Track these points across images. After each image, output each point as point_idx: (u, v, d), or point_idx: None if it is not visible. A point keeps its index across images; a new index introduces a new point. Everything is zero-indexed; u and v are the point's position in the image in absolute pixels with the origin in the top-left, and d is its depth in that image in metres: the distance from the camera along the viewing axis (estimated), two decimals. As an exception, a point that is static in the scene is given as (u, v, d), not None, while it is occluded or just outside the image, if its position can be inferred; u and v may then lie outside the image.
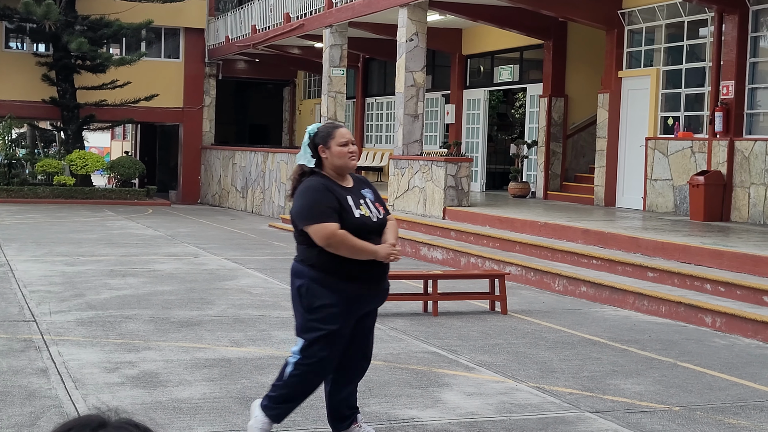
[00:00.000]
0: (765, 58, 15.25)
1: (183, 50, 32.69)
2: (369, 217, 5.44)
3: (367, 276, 5.43)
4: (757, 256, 10.91)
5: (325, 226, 5.28)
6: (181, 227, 21.78)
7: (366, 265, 5.39)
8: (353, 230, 5.33)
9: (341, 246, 5.29)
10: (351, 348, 5.61)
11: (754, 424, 6.50)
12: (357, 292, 5.41)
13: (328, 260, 5.38)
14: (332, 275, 5.37)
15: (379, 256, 5.36)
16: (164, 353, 8.21)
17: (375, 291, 5.52)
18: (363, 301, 5.48)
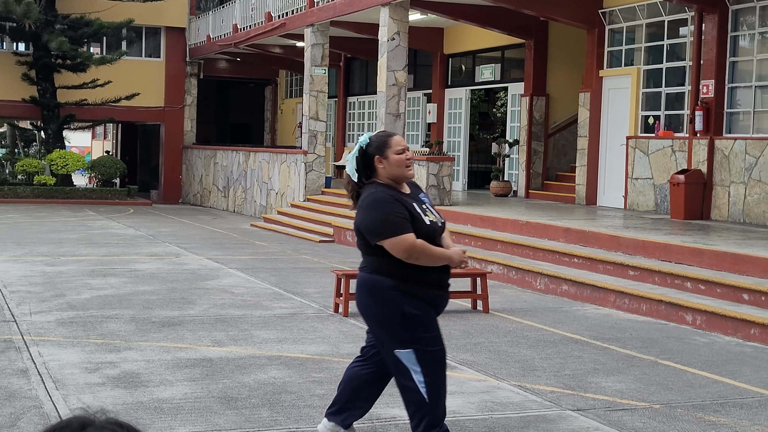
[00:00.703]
0: (745, 58, 15.34)
1: (164, 49, 32.59)
2: (436, 222, 5.37)
3: (441, 281, 5.39)
4: (736, 255, 10.97)
5: (404, 238, 5.16)
6: (163, 227, 21.72)
7: (439, 270, 5.35)
8: (425, 237, 5.24)
9: (422, 256, 5.20)
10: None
11: (734, 422, 6.53)
12: (435, 298, 5.36)
13: (409, 268, 5.28)
14: (414, 283, 5.29)
15: (454, 261, 5.30)
16: (145, 353, 8.19)
17: (446, 295, 5.47)
18: (439, 306, 5.43)
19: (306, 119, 22.68)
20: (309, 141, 22.50)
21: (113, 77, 30.08)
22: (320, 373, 7.62)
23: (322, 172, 22.79)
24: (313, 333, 9.33)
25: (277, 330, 9.42)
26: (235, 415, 6.35)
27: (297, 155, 23.17)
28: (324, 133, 22.77)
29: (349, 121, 30.31)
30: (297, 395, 6.90)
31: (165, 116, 32.38)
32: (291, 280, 13.05)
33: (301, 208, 22.15)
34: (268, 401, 6.71)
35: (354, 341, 8.96)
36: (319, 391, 7.03)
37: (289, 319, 10.04)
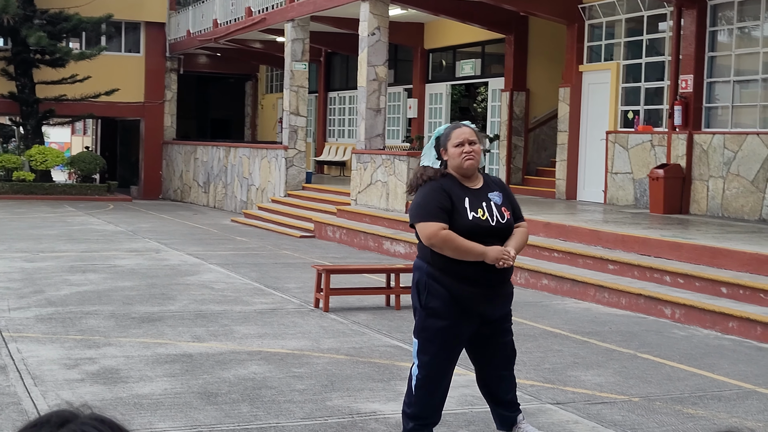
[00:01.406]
0: (723, 53, 15.41)
1: (144, 44, 32.45)
2: (485, 220, 5.36)
3: (479, 278, 5.33)
4: (715, 248, 11.03)
5: (429, 225, 5.27)
6: (143, 223, 21.64)
7: (479, 266, 5.31)
8: (464, 231, 5.27)
9: (444, 246, 5.25)
10: (478, 354, 5.63)
11: (712, 414, 6.58)
12: (468, 293, 5.33)
13: (439, 258, 5.35)
14: (445, 273, 5.33)
15: (488, 258, 5.25)
16: (125, 349, 8.16)
17: (487, 294, 5.38)
18: (476, 304, 5.37)
19: (286, 114, 22.65)
20: (289, 136, 22.47)
21: (92, 72, 29.92)
22: (300, 368, 7.62)
23: (303, 168, 22.76)
24: (294, 328, 9.33)
25: (258, 325, 9.41)
26: (215, 410, 6.34)
27: (277, 150, 23.14)
28: (304, 128, 22.74)
29: (329, 116, 30.27)
30: (277, 390, 6.89)
31: (145, 112, 32.25)
32: (271, 276, 13.04)
33: (282, 204, 22.12)
34: (248, 396, 6.70)
35: (335, 336, 8.97)
36: (299, 386, 7.03)
37: (269, 315, 10.03)
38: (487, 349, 5.60)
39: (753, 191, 14.46)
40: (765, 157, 14.25)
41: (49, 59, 29.49)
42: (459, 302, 5.32)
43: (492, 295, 5.40)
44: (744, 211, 14.59)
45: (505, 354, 5.64)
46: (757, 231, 12.89)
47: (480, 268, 5.31)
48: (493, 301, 5.41)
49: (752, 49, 14.93)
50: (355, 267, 12.21)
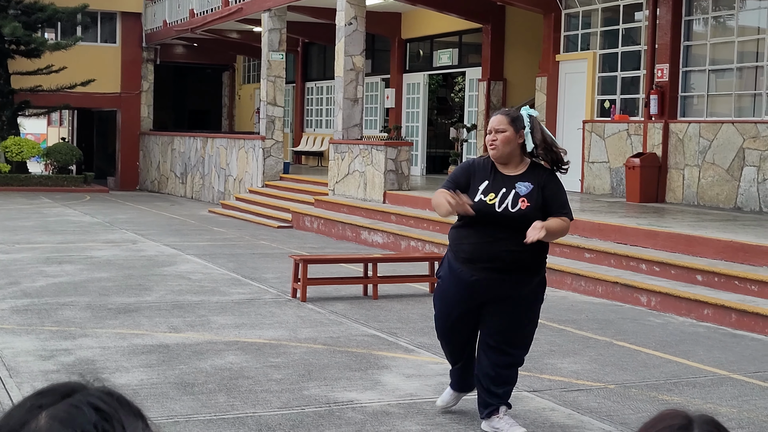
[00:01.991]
0: (698, 42, 15.49)
1: (120, 35, 32.26)
2: (491, 205, 5.47)
3: (472, 258, 5.53)
4: (690, 236, 11.10)
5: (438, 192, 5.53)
6: (120, 214, 21.55)
7: (473, 246, 5.53)
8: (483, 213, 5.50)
9: (434, 202, 5.59)
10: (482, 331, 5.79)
11: (687, 400, 6.62)
12: (462, 273, 5.61)
13: (450, 237, 5.82)
14: (451, 250, 5.73)
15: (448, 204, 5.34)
16: (101, 340, 8.13)
17: (482, 278, 5.52)
18: (467, 283, 5.58)
19: (264, 105, 22.59)
20: (267, 126, 22.42)
21: (68, 63, 29.72)
22: (278, 357, 7.62)
23: (281, 158, 22.72)
24: (271, 318, 9.32)
25: (235, 315, 9.40)
26: (192, 400, 6.33)
27: (255, 141, 23.08)
28: (282, 118, 22.70)
29: (307, 107, 30.22)
30: (254, 380, 6.89)
31: (121, 102, 32.08)
32: (249, 266, 13.02)
33: (259, 194, 22.08)
34: (225, 386, 6.69)
35: (312, 326, 8.97)
36: (276, 375, 7.03)
37: (246, 305, 10.02)
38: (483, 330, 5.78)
39: (728, 180, 14.55)
40: (740, 145, 14.34)
41: (24, 50, 29.25)
42: (455, 276, 5.65)
43: (482, 278, 5.54)
44: (719, 199, 14.68)
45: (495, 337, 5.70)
46: (732, 219, 12.98)
47: (475, 248, 5.55)
48: (483, 283, 5.56)
49: (727, 39, 15.01)
50: (333, 257, 12.21)
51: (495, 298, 5.62)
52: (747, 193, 14.24)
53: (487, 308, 5.69)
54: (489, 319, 5.71)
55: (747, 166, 14.24)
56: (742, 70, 14.84)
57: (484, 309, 5.70)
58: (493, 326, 5.70)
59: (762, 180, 13.99)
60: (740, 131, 14.36)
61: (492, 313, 5.68)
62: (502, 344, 5.72)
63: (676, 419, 1.41)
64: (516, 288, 5.59)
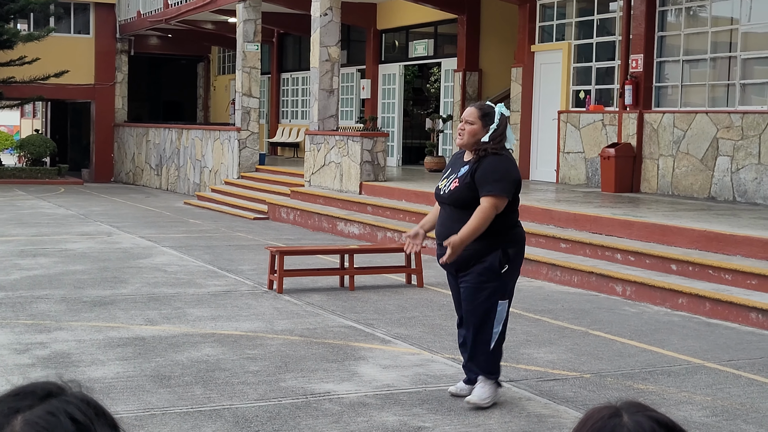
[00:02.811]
0: (672, 32, 15.56)
1: (93, 26, 32.03)
2: (438, 189, 6.24)
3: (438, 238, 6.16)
4: (665, 226, 11.17)
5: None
6: (94, 206, 21.43)
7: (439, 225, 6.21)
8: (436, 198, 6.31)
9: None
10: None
11: (662, 389, 6.67)
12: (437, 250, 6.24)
13: None
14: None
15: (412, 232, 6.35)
16: (76, 333, 8.09)
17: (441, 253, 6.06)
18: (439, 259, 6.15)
19: (239, 96, 22.51)
20: (242, 118, 22.35)
21: (41, 54, 29.48)
22: (254, 349, 7.61)
23: (256, 149, 22.66)
24: (248, 310, 9.31)
25: (211, 308, 9.38)
26: (168, 393, 6.32)
27: (230, 132, 23.00)
28: (257, 109, 22.63)
29: (282, 98, 30.14)
30: (231, 372, 6.88)
31: (95, 94, 31.87)
32: (225, 258, 12.99)
33: (235, 186, 22.02)
34: (201, 379, 6.68)
35: (289, 317, 8.96)
36: (253, 367, 7.02)
37: (222, 297, 10.00)
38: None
39: (702, 169, 14.64)
40: (714, 135, 14.43)
41: (-4, 41, 29.00)
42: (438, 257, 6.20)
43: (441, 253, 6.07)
44: (693, 189, 14.77)
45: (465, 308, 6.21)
46: (706, 209, 13.06)
47: (436, 233, 6.22)
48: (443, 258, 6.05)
49: (701, 29, 15.09)
50: (309, 248, 12.20)
51: (454, 273, 6.25)
52: (721, 182, 14.33)
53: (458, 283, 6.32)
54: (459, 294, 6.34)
55: (721, 156, 14.33)
56: (715, 60, 14.93)
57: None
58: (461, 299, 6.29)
59: (735, 170, 14.09)
60: (714, 121, 14.45)
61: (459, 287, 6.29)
62: (465, 317, 6.25)
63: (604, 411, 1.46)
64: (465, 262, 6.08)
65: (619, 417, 1.44)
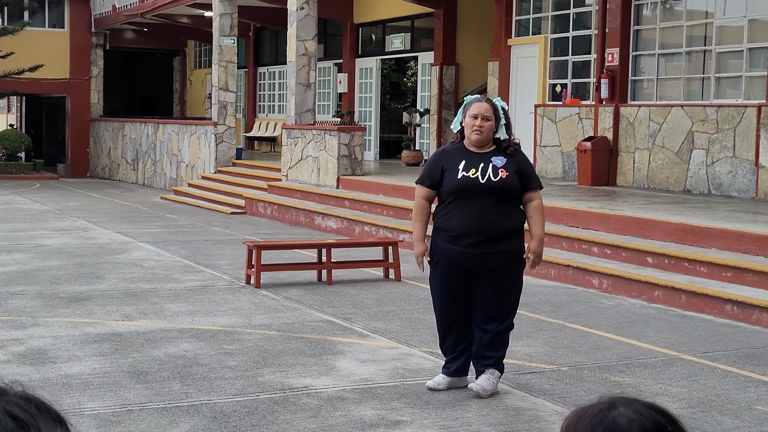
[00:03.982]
0: (648, 26, 15.63)
1: (68, 20, 31.81)
2: (474, 178, 5.97)
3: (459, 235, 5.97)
4: (641, 219, 11.23)
5: (418, 188, 6.26)
6: (70, 201, 21.31)
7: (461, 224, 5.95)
8: (453, 188, 6.00)
9: (414, 212, 6.27)
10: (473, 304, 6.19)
11: (638, 381, 6.71)
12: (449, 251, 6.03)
13: (436, 217, 6.20)
14: (437, 230, 6.14)
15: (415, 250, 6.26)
16: (52, 329, 8.05)
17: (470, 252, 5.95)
18: (456, 259, 6.00)
19: (215, 90, 22.43)
20: (219, 112, 22.27)
21: (16, 49, 29.24)
22: (232, 344, 7.59)
23: (233, 144, 22.59)
24: (225, 305, 9.29)
25: (188, 303, 9.35)
26: (145, 388, 6.30)
27: (207, 127, 22.92)
28: (234, 104, 22.56)
29: (259, 92, 30.05)
30: (208, 367, 6.87)
31: (71, 88, 31.67)
32: (202, 253, 12.95)
33: (212, 180, 21.95)
34: (179, 374, 6.66)
35: (266, 312, 8.95)
36: (230, 362, 7.01)
37: (200, 292, 9.97)
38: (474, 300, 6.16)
39: (678, 163, 14.72)
40: (689, 129, 14.51)
41: (-31, 35, 28.76)
42: (444, 255, 6.07)
43: (470, 252, 5.95)
44: (669, 182, 14.85)
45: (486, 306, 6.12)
46: (681, 201, 13.14)
47: (462, 225, 5.96)
48: (474, 258, 5.96)
49: (676, 23, 15.16)
50: (287, 243, 12.19)
51: (484, 270, 6.04)
52: (696, 176, 14.42)
53: (477, 280, 6.10)
54: (480, 290, 6.12)
55: (696, 150, 14.42)
56: (690, 54, 15.01)
57: (475, 281, 6.11)
58: (486, 296, 6.11)
59: (711, 163, 14.18)
60: (689, 115, 14.53)
61: (482, 283, 6.09)
62: (495, 311, 6.14)
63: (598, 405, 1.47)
64: (503, 257, 6.05)
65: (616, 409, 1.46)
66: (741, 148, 13.70)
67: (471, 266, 6.04)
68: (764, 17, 13.60)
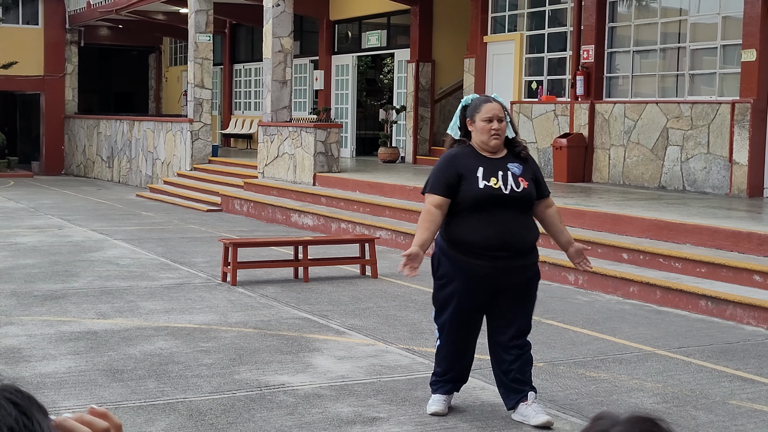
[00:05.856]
0: (623, 23, 15.70)
1: (42, 16, 31.60)
2: (498, 188, 5.46)
3: (483, 249, 5.43)
4: (616, 215, 11.28)
5: (427, 196, 5.57)
6: (45, 199, 21.18)
7: (484, 237, 5.42)
8: (475, 200, 5.45)
9: (421, 219, 5.56)
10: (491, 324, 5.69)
11: (613, 376, 6.75)
12: (472, 267, 5.47)
13: (448, 230, 5.55)
14: (452, 245, 5.53)
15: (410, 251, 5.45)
16: (27, 328, 8.00)
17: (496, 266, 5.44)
18: (480, 275, 5.46)
19: (191, 87, 22.35)
20: (195, 109, 22.19)
21: (-11, 45, 29.03)
22: (208, 342, 7.58)
23: (209, 141, 22.52)
24: (201, 303, 9.26)
25: (164, 300, 9.32)
26: (121, 387, 6.28)
27: (183, 124, 22.83)
28: (210, 101, 22.48)
29: (235, 89, 29.97)
30: (184, 365, 6.85)
31: (45, 85, 31.47)
32: (178, 250, 12.91)
33: (188, 178, 21.87)
34: (154, 372, 6.64)
35: (242, 310, 8.93)
36: (206, 360, 6.99)
37: (176, 290, 9.94)
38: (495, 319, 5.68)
39: (653, 159, 14.80)
40: (664, 125, 14.59)
41: (-58, 32, 28.51)
42: (465, 272, 5.49)
43: (496, 266, 5.46)
44: (644, 178, 14.93)
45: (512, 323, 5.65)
46: (656, 198, 13.22)
47: (487, 238, 5.44)
48: (498, 273, 5.47)
49: (651, 20, 15.24)
50: (263, 240, 12.16)
51: (509, 285, 5.56)
52: (671, 172, 14.50)
53: (500, 297, 5.58)
54: (504, 307, 5.61)
55: (671, 146, 14.50)
56: (665, 51, 15.09)
57: (497, 299, 5.59)
58: (510, 314, 5.62)
59: (685, 159, 14.26)
60: (664, 111, 14.61)
61: (507, 300, 5.59)
62: (521, 329, 5.69)
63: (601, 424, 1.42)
64: (528, 270, 5.63)
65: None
66: (715, 144, 13.79)
67: (496, 282, 5.50)
68: (738, 14, 13.69)
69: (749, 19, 13.31)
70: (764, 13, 13.13)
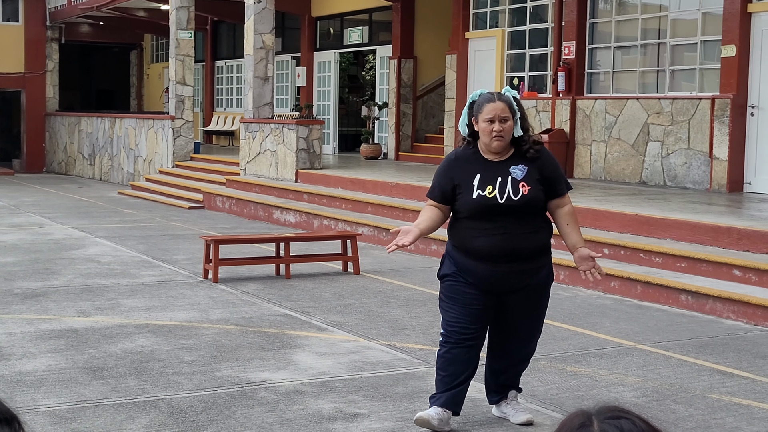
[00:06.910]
0: (604, 19, 15.74)
1: (22, 13, 31.41)
2: (492, 198, 5.23)
3: (489, 253, 5.25)
4: (597, 211, 11.32)
5: (427, 200, 5.54)
6: (25, 196, 21.08)
7: (484, 243, 5.25)
8: (469, 210, 5.28)
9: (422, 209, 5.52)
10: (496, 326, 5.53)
11: (594, 371, 6.77)
12: (478, 270, 5.30)
13: (452, 234, 5.46)
14: (456, 248, 5.41)
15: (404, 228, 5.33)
16: (6, 326, 7.97)
17: (503, 270, 5.28)
18: (483, 278, 5.30)
19: (173, 84, 22.28)
20: (176, 106, 22.12)
21: (-32, 42, 28.86)
22: (189, 339, 7.56)
23: (191, 138, 22.46)
24: (182, 300, 9.24)
25: (145, 298, 9.29)
26: (101, 385, 6.26)
27: (164, 121, 22.76)
28: (191, 98, 22.42)
29: (217, 86, 29.89)
30: (165, 363, 6.83)
31: (25, 82, 31.29)
32: (159, 248, 12.87)
33: (170, 175, 21.80)
34: (135, 370, 6.62)
35: (224, 307, 8.92)
36: (188, 357, 6.98)
37: (157, 287, 9.91)
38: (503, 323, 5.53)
39: (634, 155, 14.85)
40: (644, 121, 14.64)
41: None
42: (468, 275, 5.34)
43: (500, 271, 5.30)
44: (625, 174, 14.98)
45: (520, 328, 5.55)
46: (637, 193, 13.27)
47: (485, 247, 5.26)
48: (506, 276, 5.31)
49: (631, 16, 15.28)
50: (245, 237, 12.14)
51: (517, 290, 5.40)
52: (652, 167, 14.56)
53: (508, 301, 5.43)
54: (511, 311, 5.47)
55: (651, 141, 14.55)
56: (645, 47, 15.14)
57: (505, 303, 5.44)
58: (516, 318, 5.50)
59: (666, 155, 14.32)
60: (644, 107, 14.66)
61: (515, 304, 5.45)
62: (528, 333, 5.60)
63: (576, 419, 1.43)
64: (537, 273, 5.42)
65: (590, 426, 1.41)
66: (695, 140, 13.85)
67: (502, 286, 5.34)
68: (718, 10, 13.75)
69: (729, 15, 13.37)
70: (744, 9, 13.20)
